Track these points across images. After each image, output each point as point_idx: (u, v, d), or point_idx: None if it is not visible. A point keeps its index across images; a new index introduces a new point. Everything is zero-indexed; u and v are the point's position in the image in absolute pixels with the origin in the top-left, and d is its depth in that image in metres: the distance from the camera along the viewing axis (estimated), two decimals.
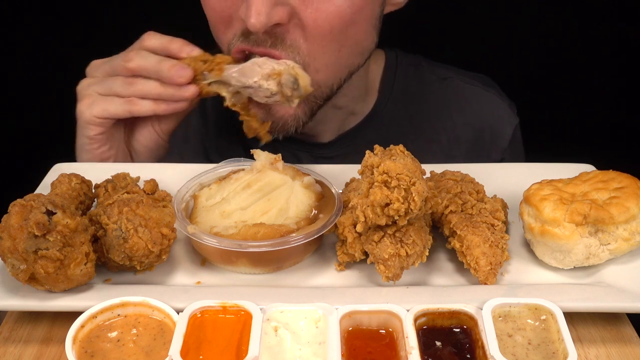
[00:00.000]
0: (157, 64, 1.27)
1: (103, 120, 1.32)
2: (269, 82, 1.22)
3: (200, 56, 1.29)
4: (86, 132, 1.35)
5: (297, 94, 1.23)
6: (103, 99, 1.31)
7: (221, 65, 1.27)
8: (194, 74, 1.27)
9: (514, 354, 0.93)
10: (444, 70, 1.73)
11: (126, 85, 1.29)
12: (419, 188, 1.00)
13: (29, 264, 0.96)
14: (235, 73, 1.25)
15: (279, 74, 1.21)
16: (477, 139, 1.67)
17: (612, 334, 1.03)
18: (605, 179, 1.14)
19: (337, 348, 0.91)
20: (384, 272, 1.04)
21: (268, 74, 1.22)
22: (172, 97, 1.29)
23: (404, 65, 1.70)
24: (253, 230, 1.08)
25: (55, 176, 1.17)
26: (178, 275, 1.11)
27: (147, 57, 1.29)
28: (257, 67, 1.23)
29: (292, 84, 1.20)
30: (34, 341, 1.02)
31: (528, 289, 1.05)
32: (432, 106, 1.68)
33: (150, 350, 0.93)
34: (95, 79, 1.34)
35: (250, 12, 1.22)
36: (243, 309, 0.97)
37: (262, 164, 1.20)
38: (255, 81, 1.22)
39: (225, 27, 1.33)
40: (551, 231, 1.07)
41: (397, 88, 1.67)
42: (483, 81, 1.74)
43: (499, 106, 1.71)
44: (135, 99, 1.30)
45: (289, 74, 1.21)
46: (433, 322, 0.98)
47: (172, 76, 1.26)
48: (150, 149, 1.43)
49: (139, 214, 1.06)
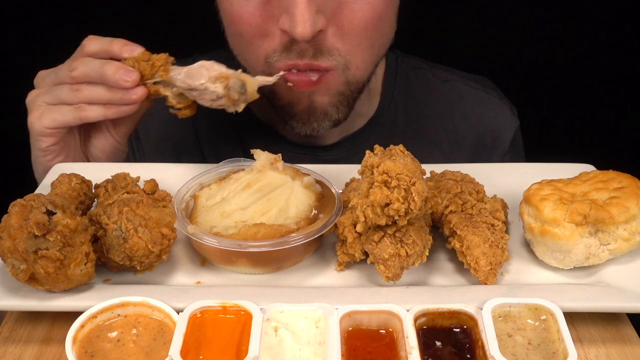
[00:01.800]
0: (100, 70, 1.24)
1: (54, 130, 1.31)
2: (215, 85, 1.20)
3: (142, 56, 1.26)
4: (38, 144, 1.34)
5: (244, 99, 1.22)
6: (51, 108, 1.30)
7: (167, 66, 1.25)
8: (140, 74, 1.25)
9: (514, 354, 0.93)
10: (445, 73, 1.73)
11: (73, 92, 1.27)
12: (419, 188, 1.00)
13: (29, 264, 0.96)
14: (181, 75, 1.24)
15: (226, 77, 1.20)
16: (478, 143, 1.67)
17: (612, 334, 1.03)
18: (605, 179, 1.14)
19: (337, 348, 0.91)
20: (384, 272, 1.04)
21: (215, 77, 1.20)
22: (120, 101, 1.26)
23: (404, 68, 1.69)
24: (253, 230, 1.08)
25: (55, 176, 1.17)
26: (178, 275, 1.11)
27: (90, 64, 1.26)
28: (204, 69, 1.21)
29: (239, 87, 1.19)
30: (34, 341, 1.01)
31: (528, 289, 1.05)
32: (434, 109, 1.68)
33: (150, 350, 0.93)
34: (42, 89, 1.32)
35: (295, 22, 1.22)
36: (243, 309, 0.97)
37: (262, 164, 1.20)
38: (201, 83, 1.21)
39: (262, 41, 1.32)
40: (551, 231, 1.07)
41: (399, 90, 1.66)
42: (484, 84, 1.73)
43: (501, 109, 1.70)
44: (84, 105, 1.28)
45: (236, 78, 1.20)
46: (433, 322, 0.98)
47: (117, 80, 1.23)
48: (107, 154, 1.41)
49: (139, 214, 1.06)
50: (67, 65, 1.28)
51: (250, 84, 1.21)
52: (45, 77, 1.32)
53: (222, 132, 1.64)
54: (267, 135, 1.62)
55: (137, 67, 1.25)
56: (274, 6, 1.28)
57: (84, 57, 1.28)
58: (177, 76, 1.24)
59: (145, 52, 1.28)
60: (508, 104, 1.72)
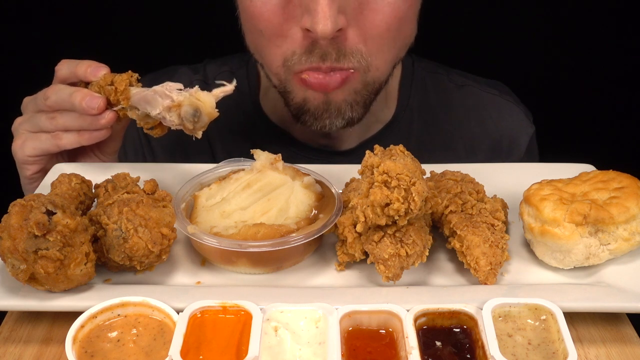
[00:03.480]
0: (69, 98, 1.24)
1: (36, 158, 1.31)
2: (170, 115, 1.17)
3: (105, 79, 1.25)
4: (23, 172, 1.34)
5: (200, 125, 1.17)
6: (32, 136, 1.30)
7: (126, 93, 1.22)
8: (107, 99, 1.24)
9: (514, 354, 0.93)
10: (461, 78, 1.72)
11: (50, 120, 1.27)
12: (419, 188, 1.00)
13: (29, 264, 0.96)
14: (140, 100, 1.21)
15: (178, 105, 1.17)
16: (494, 148, 1.66)
17: (612, 334, 1.03)
18: (605, 179, 1.14)
19: (337, 348, 0.91)
20: (384, 272, 1.04)
21: (169, 107, 1.17)
22: (90, 127, 1.26)
23: (421, 72, 1.68)
24: (253, 230, 1.08)
25: (55, 176, 1.17)
26: (178, 275, 1.11)
27: (60, 92, 1.25)
28: (158, 97, 1.19)
29: (191, 116, 1.15)
30: (34, 341, 1.01)
31: (528, 289, 1.05)
32: (450, 114, 1.67)
33: (150, 350, 0.93)
34: (25, 116, 1.33)
35: (317, 19, 1.21)
36: (243, 309, 0.97)
37: (262, 164, 1.20)
38: (158, 113, 1.18)
39: (281, 41, 1.31)
40: (551, 231, 1.07)
41: (415, 95, 1.66)
42: (500, 89, 1.72)
43: (517, 115, 1.70)
44: (60, 133, 1.28)
45: (188, 105, 1.16)
46: (433, 322, 0.98)
47: (84, 109, 1.23)
48: None
49: (139, 214, 1.06)
50: (43, 93, 1.28)
51: (206, 104, 1.17)
52: (27, 104, 1.33)
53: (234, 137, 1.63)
54: (281, 139, 1.61)
55: (102, 92, 1.24)
56: (295, 6, 1.27)
57: (56, 85, 1.28)
58: (138, 102, 1.22)
59: (108, 74, 1.26)
60: (524, 110, 1.71)
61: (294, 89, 1.37)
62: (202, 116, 1.16)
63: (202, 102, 1.16)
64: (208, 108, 1.16)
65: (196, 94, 1.17)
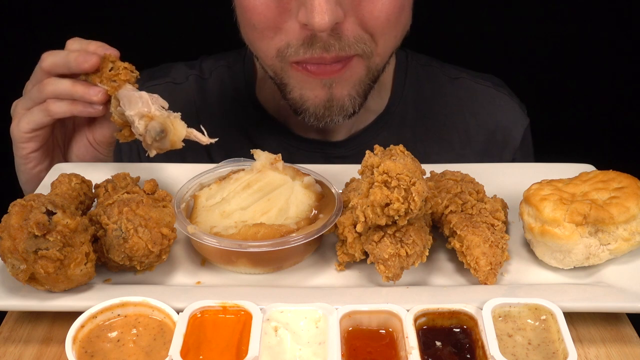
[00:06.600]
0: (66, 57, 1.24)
1: (31, 133, 1.31)
2: (139, 122, 1.16)
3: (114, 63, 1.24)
4: (19, 151, 1.34)
5: (159, 145, 1.16)
6: (26, 112, 1.30)
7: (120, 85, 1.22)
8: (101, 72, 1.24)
9: (514, 354, 0.93)
10: (455, 71, 1.73)
11: (38, 90, 1.27)
12: (419, 188, 1.00)
13: (29, 264, 0.96)
14: (125, 97, 1.20)
15: (150, 117, 1.15)
16: (489, 140, 1.67)
17: (612, 334, 1.03)
18: (605, 179, 1.14)
19: (337, 348, 0.91)
20: (384, 272, 1.04)
21: (142, 114, 1.16)
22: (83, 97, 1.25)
23: (414, 65, 1.69)
24: (253, 230, 1.08)
25: (55, 176, 1.17)
26: (178, 275, 1.11)
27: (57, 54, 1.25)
28: (140, 102, 1.17)
29: (156, 134, 1.14)
30: (34, 341, 1.01)
31: (528, 289, 1.05)
32: (444, 106, 1.68)
33: (150, 350, 0.93)
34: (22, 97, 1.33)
35: (313, 12, 1.20)
36: (243, 309, 0.97)
37: (262, 164, 1.20)
38: (131, 115, 1.17)
39: (274, 33, 1.31)
40: (551, 231, 1.07)
41: (409, 87, 1.66)
42: (494, 81, 1.73)
43: (511, 107, 1.70)
44: (50, 101, 1.27)
45: (159, 123, 1.14)
46: (433, 322, 0.98)
47: (79, 63, 1.23)
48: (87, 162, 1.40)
49: (139, 214, 1.06)
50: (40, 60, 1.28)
51: (175, 132, 1.15)
52: (26, 86, 1.33)
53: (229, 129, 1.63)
54: (275, 131, 1.61)
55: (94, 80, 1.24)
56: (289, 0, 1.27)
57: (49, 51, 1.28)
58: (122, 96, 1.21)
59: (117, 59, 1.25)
60: (518, 102, 1.72)
61: (290, 81, 1.37)
62: (165, 139, 1.15)
63: (173, 128, 1.15)
64: (175, 135, 1.15)
65: (174, 119, 1.16)
